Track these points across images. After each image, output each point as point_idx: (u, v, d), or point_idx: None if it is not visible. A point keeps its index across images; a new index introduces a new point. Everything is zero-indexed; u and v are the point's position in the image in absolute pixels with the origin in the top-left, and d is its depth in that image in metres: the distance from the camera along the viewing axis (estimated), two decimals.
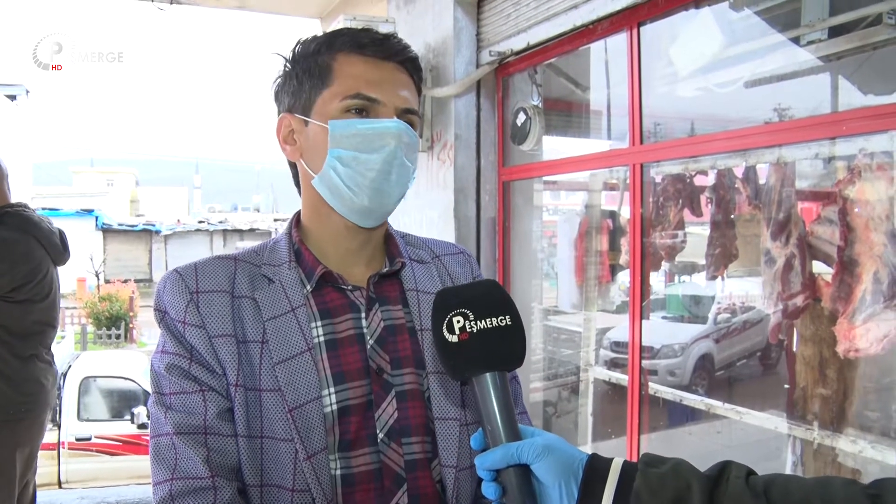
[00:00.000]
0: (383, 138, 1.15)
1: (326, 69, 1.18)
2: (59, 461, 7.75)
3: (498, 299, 1.02)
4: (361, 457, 1.13)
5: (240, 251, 1.25)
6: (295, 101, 1.21)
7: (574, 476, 0.92)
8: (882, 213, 2.59)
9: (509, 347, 0.99)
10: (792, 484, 0.86)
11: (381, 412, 1.15)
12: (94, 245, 25.20)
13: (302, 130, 1.21)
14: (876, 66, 3.06)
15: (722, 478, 0.89)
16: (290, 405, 1.09)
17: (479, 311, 0.99)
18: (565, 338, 5.13)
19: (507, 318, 1.00)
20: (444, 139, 4.16)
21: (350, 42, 1.18)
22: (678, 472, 0.89)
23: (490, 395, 0.96)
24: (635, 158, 3.33)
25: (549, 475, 0.92)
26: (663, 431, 4.08)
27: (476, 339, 0.97)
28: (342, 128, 1.15)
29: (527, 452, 0.93)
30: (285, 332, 1.13)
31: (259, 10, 6.20)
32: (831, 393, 3.11)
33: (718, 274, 3.59)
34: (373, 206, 1.18)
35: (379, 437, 1.14)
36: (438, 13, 4.18)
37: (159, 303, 1.16)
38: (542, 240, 4.83)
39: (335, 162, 1.16)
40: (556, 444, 0.95)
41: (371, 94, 1.15)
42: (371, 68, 1.17)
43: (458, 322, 0.98)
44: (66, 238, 3.58)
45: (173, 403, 1.10)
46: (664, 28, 3.33)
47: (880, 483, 0.84)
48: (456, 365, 0.98)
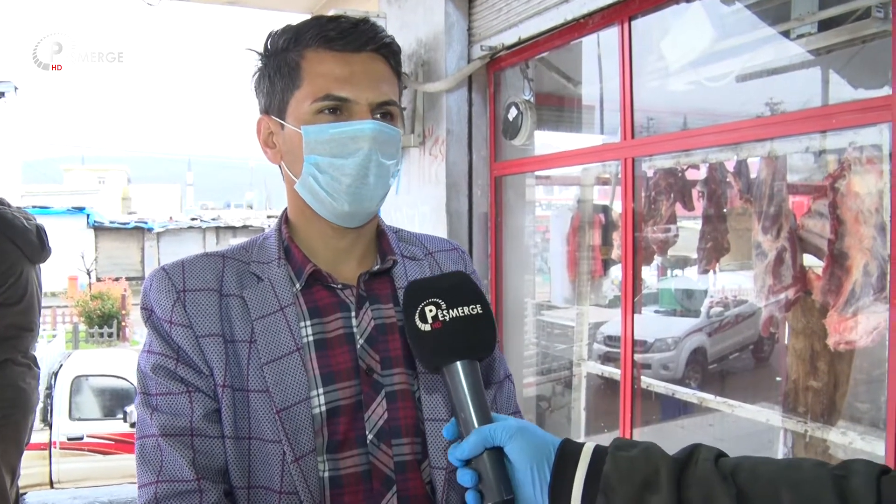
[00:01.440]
0: (357, 142, 1.11)
1: (295, 68, 1.13)
2: (50, 461, 7.70)
3: (468, 289, 1.04)
4: (350, 458, 1.12)
5: (228, 248, 1.23)
6: (270, 102, 1.18)
7: (547, 459, 0.93)
8: (871, 206, 2.61)
9: (481, 335, 1.02)
10: (761, 466, 0.87)
11: (371, 413, 1.13)
12: (86, 243, 25.10)
13: (279, 133, 1.18)
14: (865, 60, 3.07)
15: (691, 460, 0.89)
16: (278, 406, 1.08)
17: (451, 301, 1.01)
18: (558, 332, 5.14)
19: (478, 306, 1.02)
20: (436, 134, 4.16)
21: (317, 36, 1.13)
22: (647, 456, 0.90)
23: (462, 383, 0.98)
24: (627, 153, 3.34)
25: (522, 457, 0.92)
26: (656, 425, 4.09)
27: (449, 327, 0.99)
28: (315, 133, 1.12)
29: (500, 434, 0.94)
30: (274, 332, 1.11)
31: (250, 6, 6.18)
32: (822, 385, 3.13)
33: (710, 268, 3.61)
34: (353, 210, 1.15)
35: (368, 439, 1.13)
36: (430, 8, 4.17)
37: (146, 301, 1.14)
38: (535, 235, 4.83)
39: (312, 168, 1.13)
40: (530, 427, 0.96)
41: (342, 94, 1.11)
42: (340, 64, 1.12)
43: (430, 311, 1.00)
44: (46, 234, 3.49)
45: (159, 404, 1.08)
46: (655, 22, 3.33)
47: (848, 464, 0.85)
48: (429, 354, 1.00)
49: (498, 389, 1.30)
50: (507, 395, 1.31)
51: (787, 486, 0.83)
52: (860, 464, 0.84)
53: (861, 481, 0.81)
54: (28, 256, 3.38)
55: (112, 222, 28.40)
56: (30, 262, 3.40)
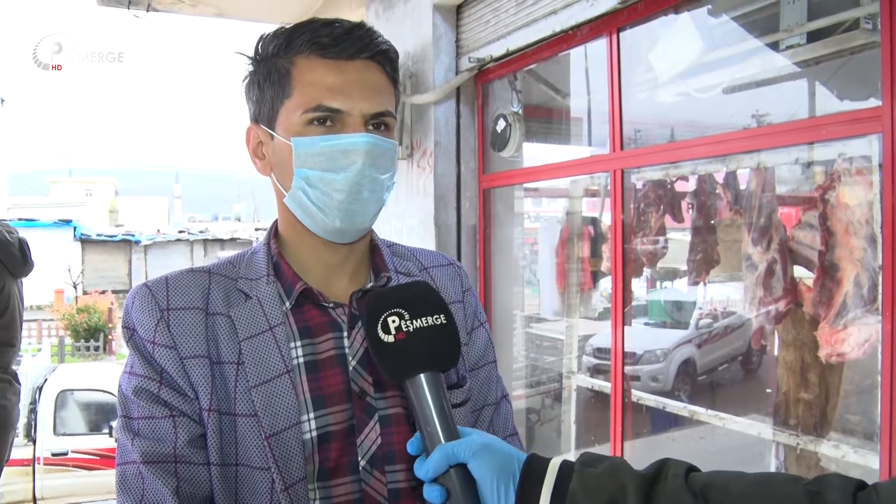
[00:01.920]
0: (349, 156, 1.05)
1: (286, 76, 1.08)
2: (34, 477, 7.61)
3: (432, 299, 1.01)
4: (342, 486, 1.07)
5: (214, 263, 1.17)
6: (259, 111, 1.12)
7: (512, 476, 0.90)
8: (862, 218, 2.60)
9: (446, 346, 0.98)
10: (732, 482, 0.85)
11: (364, 438, 1.08)
12: (73, 256, 24.92)
13: (269, 144, 1.12)
14: (853, 72, 3.08)
15: (660, 476, 0.87)
16: (266, 432, 1.02)
17: (415, 311, 0.97)
18: (548, 345, 5.12)
19: (441, 316, 0.98)
20: (424, 146, 4.14)
21: (309, 42, 1.07)
22: (614, 473, 0.88)
23: (427, 397, 0.94)
24: (616, 164, 3.32)
25: (487, 473, 0.89)
26: (646, 438, 4.07)
27: (412, 338, 0.96)
28: (306, 146, 1.06)
29: (464, 450, 0.90)
30: (263, 353, 1.06)
31: (237, 18, 6.16)
32: (813, 397, 3.11)
33: (700, 279, 3.60)
34: (345, 227, 1.09)
35: (361, 465, 1.08)
36: (417, 20, 4.16)
37: (127, 320, 1.09)
38: (524, 247, 4.82)
39: (302, 182, 1.07)
40: (495, 443, 0.93)
41: (334, 105, 1.05)
42: (333, 72, 1.06)
43: (393, 322, 0.96)
44: (28, 247, 3.44)
45: (141, 429, 1.03)
46: (644, 34, 3.33)
47: (822, 479, 0.83)
48: (392, 366, 0.96)
49: (495, 410, 1.25)
50: (505, 417, 1.27)
51: (760, 502, 0.82)
52: (835, 479, 0.82)
53: (836, 497, 0.80)
54: (10, 270, 3.33)
55: (99, 235, 28.21)
56: (12, 276, 3.35)
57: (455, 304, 1.23)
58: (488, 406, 1.24)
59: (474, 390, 1.21)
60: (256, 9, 5.97)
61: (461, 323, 1.22)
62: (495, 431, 1.24)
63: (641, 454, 3.63)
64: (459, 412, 1.15)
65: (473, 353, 1.24)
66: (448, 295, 1.23)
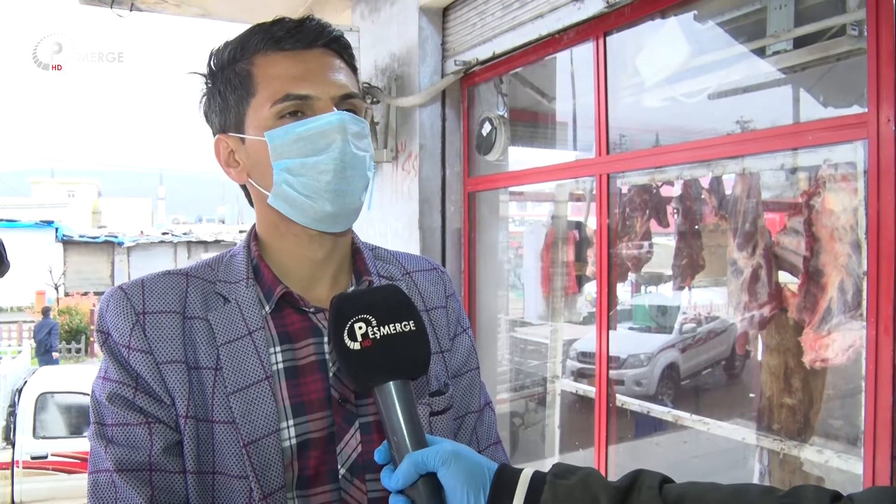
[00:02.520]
0: (327, 136, 1.04)
1: (247, 77, 1.07)
2: (12, 481, 7.53)
3: (401, 304, 0.97)
4: (321, 494, 1.05)
5: (192, 266, 1.14)
6: (225, 120, 1.11)
7: (483, 486, 0.88)
8: (847, 224, 2.61)
9: (414, 353, 0.95)
10: (706, 495, 0.84)
11: (344, 446, 1.06)
12: (54, 257, 24.69)
13: (241, 149, 1.10)
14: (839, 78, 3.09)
15: (633, 488, 0.86)
16: (245, 439, 1.00)
17: (382, 317, 0.94)
18: (531, 349, 5.11)
19: (410, 322, 0.95)
20: (409, 149, 4.12)
21: (264, 40, 1.07)
22: (586, 485, 0.86)
23: (394, 405, 0.91)
24: (602, 169, 3.32)
25: (456, 482, 0.87)
26: (630, 442, 4.07)
27: (379, 345, 0.93)
28: (280, 136, 1.05)
29: (433, 459, 0.88)
30: (241, 359, 1.04)
31: (222, 19, 6.12)
32: (797, 402, 3.12)
33: (686, 284, 3.60)
34: (337, 210, 1.07)
35: (340, 473, 1.06)
36: (403, 22, 4.15)
37: (101, 324, 1.06)
38: (508, 251, 4.81)
39: (284, 174, 1.06)
40: (465, 452, 0.91)
41: (301, 92, 1.05)
42: (294, 63, 1.06)
43: (360, 328, 0.93)
44: (4, 248, 3.36)
45: (115, 436, 1.00)
46: (630, 38, 3.33)
47: (796, 491, 0.82)
48: (359, 374, 0.93)
49: (478, 418, 1.23)
50: (488, 425, 1.25)
51: None
52: (809, 490, 0.82)
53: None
54: None
55: (81, 236, 27.97)
56: None
57: (438, 310, 1.22)
58: (471, 414, 1.22)
59: (457, 398, 1.19)
60: (241, 9, 5.93)
61: (444, 329, 1.21)
62: (479, 440, 1.22)
63: (625, 459, 3.63)
64: (441, 419, 1.14)
65: (456, 359, 1.22)
66: (431, 300, 1.22)
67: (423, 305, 1.20)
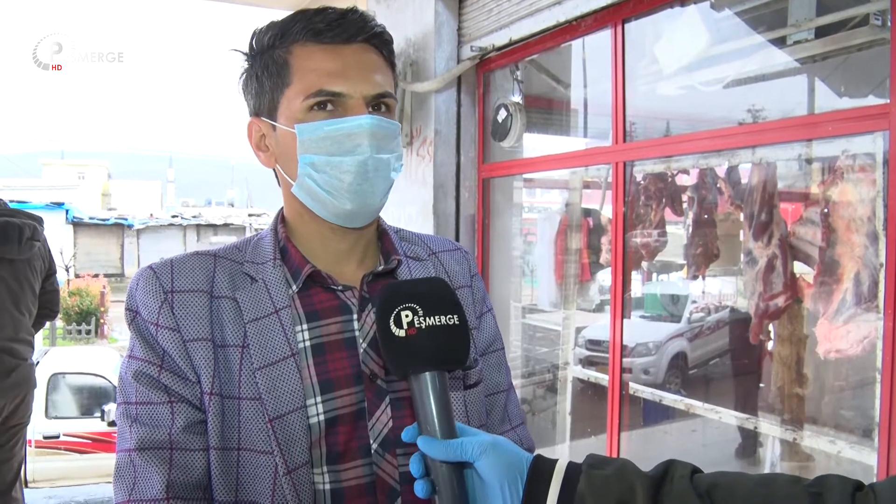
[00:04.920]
0: (354, 138, 1.05)
1: (284, 65, 1.08)
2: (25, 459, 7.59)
3: (447, 298, 0.98)
4: (353, 469, 1.06)
5: (220, 247, 1.16)
6: (260, 104, 1.12)
7: (520, 476, 0.89)
8: (864, 215, 2.60)
9: (456, 347, 0.96)
10: (736, 484, 0.86)
11: (375, 421, 1.07)
12: (65, 239, 24.78)
13: (272, 135, 1.12)
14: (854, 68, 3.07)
15: (666, 478, 0.87)
16: (270, 415, 1.01)
17: (429, 308, 0.95)
18: (541, 336, 5.12)
19: (455, 317, 0.96)
20: (424, 135, 4.12)
21: (304, 30, 1.07)
22: (622, 474, 0.88)
23: (429, 396, 0.93)
24: (618, 157, 3.32)
25: (493, 473, 0.88)
26: (640, 430, 4.08)
27: (424, 335, 0.93)
28: (309, 131, 1.06)
29: (471, 449, 0.89)
30: (267, 336, 1.05)
31: (238, 2, 6.11)
32: (808, 392, 3.13)
33: (700, 273, 3.60)
34: (356, 209, 1.09)
35: (373, 448, 1.07)
36: (419, 7, 4.13)
37: (131, 302, 1.08)
38: (522, 237, 4.81)
39: (308, 168, 1.07)
40: (502, 442, 0.92)
41: (335, 89, 1.05)
42: (331, 57, 1.07)
43: (406, 316, 0.94)
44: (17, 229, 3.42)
45: (139, 415, 1.02)
46: (649, 25, 3.31)
47: (822, 480, 0.84)
48: (400, 360, 0.94)
49: (507, 396, 1.25)
50: (515, 404, 1.27)
51: (764, 503, 0.83)
52: (834, 479, 0.84)
53: (836, 498, 0.81)
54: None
55: (91, 218, 28.07)
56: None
57: (463, 289, 1.23)
58: (501, 392, 1.24)
59: (486, 376, 1.21)
60: None
61: (470, 308, 1.22)
62: (510, 419, 1.24)
63: (637, 446, 3.65)
64: (474, 393, 1.15)
65: (483, 338, 1.24)
66: (457, 279, 1.23)
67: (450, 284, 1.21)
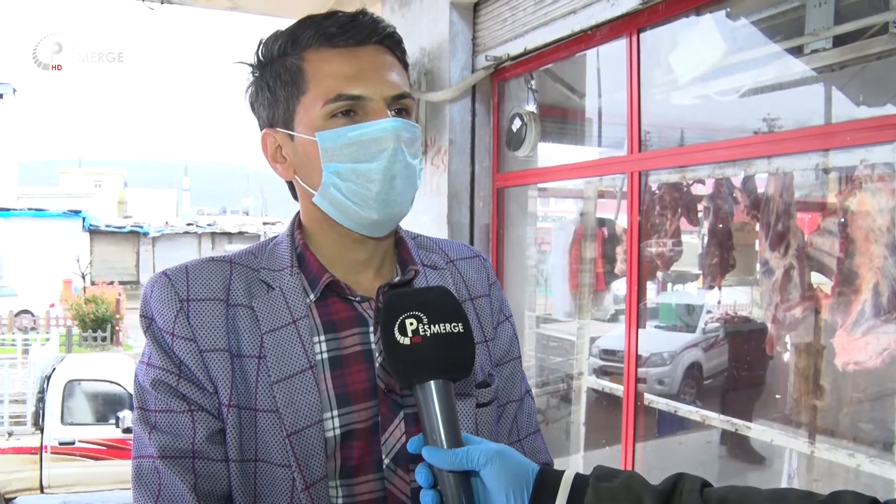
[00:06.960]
0: (380, 142, 1.02)
1: (298, 72, 1.05)
2: (41, 465, 7.65)
3: (451, 305, 0.97)
4: (365, 484, 1.05)
5: (235, 253, 1.14)
6: (274, 114, 1.09)
7: (525, 486, 0.88)
8: (883, 225, 2.57)
9: (461, 355, 0.95)
10: (747, 499, 0.84)
11: (388, 436, 1.06)
12: (81, 246, 24.99)
13: (289, 145, 1.08)
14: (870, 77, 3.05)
15: (675, 492, 0.86)
16: (288, 429, 1.00)
17: (434, 316, 0.94)
18: (555, 345, 5.10)
19: (459, 325, 0.95)
20: (438, 144, 4.12)
21: (316, 35, 1.04)
22: (630, 487, 0.86)
23: (434, 404, 0.91)
24: (634, 166, 3.30)
25: (498, 482, 0.87)
26: (655, 441, 4.05)
27: (429, 343, 0.93)
28: (332, 139, 1.03)
29: (476, 457, 0.88)
30: (285, 347, 1.03)
31: (251, 12, 6.15)
32: (826, 404, 3.09)
33: (716, 283, 3.57)
34: (383, 218, 1.06)
35: (385, 463, 1.05)
36: (434, 17, 4.14)
37: (146, 309, 1.06)
38: (536, 247, 4.80)
39: (333, 178, 1.04)
40: (508, 452, 0.91)
41: (354, 92, 1.02)
42: (347, 60, 1.03)
43: (411, 324, 0.93)
44: None
45: (159, 422, 1.01)
46: (664, 35, 3.30)
47: (834, 496, 0.82)
48: (404, 369, 0.92)
49: (518, 407, 1.23)
50: (528, 413, 1.24)
51: None
52: (848, 496, 0.82)
53: None
54: None
55: (108, 226, 28.30)
56: None
57: (482, 298, 1.21)
58: (512, 403, 1.22)
59: (499, 386, 1.19)
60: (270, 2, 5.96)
61: (488, 317, 1.20)
62: (519, 428, 1.22)
63: (651, 457, 3.62)
64: (486, 411, 1.13)
65: (499, 348, 1.22)
66: (475, 288, 1.21)
67: (467, 294, 1.19)
